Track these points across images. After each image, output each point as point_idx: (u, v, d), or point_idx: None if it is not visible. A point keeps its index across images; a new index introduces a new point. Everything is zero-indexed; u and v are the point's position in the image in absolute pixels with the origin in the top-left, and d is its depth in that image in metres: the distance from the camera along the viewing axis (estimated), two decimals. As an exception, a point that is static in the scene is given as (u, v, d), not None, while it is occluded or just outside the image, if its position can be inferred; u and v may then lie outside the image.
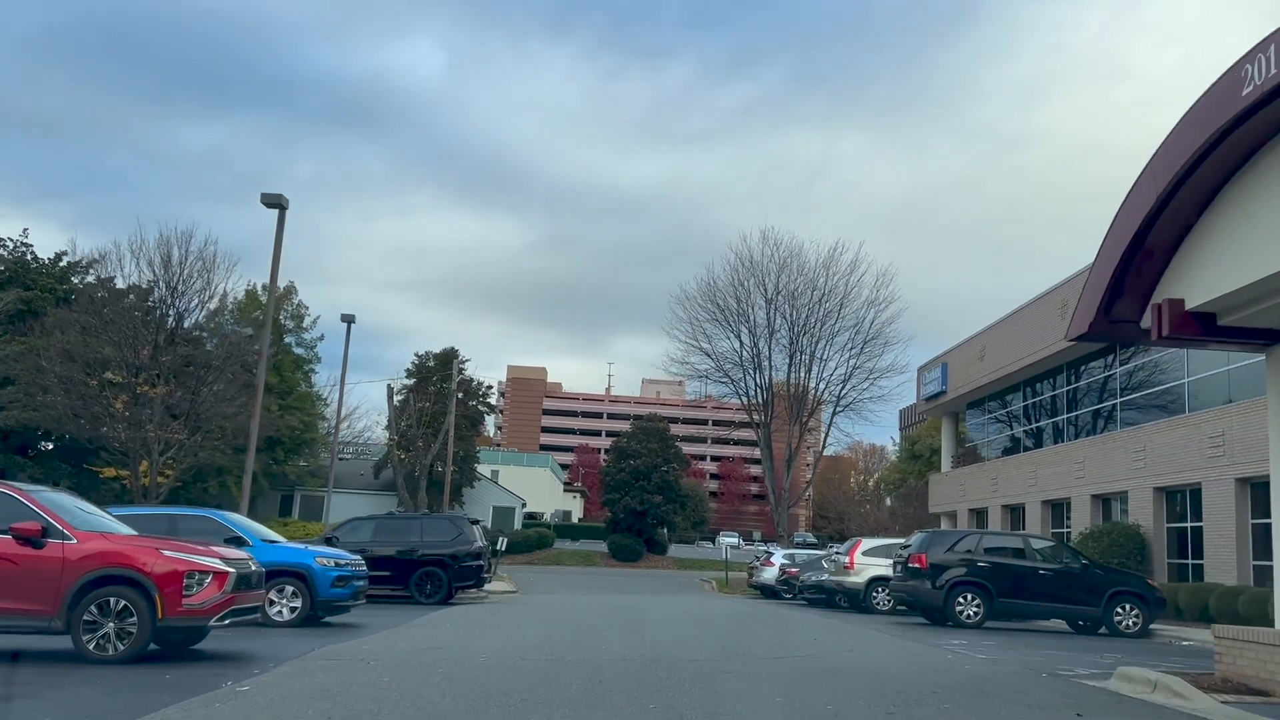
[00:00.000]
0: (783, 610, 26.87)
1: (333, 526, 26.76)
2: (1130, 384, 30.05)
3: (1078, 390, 33.49)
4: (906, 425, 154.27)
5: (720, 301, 47.45)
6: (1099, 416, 31.92)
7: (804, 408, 47.31)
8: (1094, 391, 32.38)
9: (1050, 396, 35.33)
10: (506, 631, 16.81)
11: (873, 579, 26.70)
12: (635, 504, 59.43)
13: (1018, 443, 37.84)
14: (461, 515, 27.46)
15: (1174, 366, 27.61)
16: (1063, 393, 34.31)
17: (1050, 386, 35.26)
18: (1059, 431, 34.59)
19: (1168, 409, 27.79)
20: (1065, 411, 34.14)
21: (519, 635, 15.91)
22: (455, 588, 25.72)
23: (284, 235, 29.82)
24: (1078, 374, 33.35)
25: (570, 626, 18.02)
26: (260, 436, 53.63)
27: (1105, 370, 31.83)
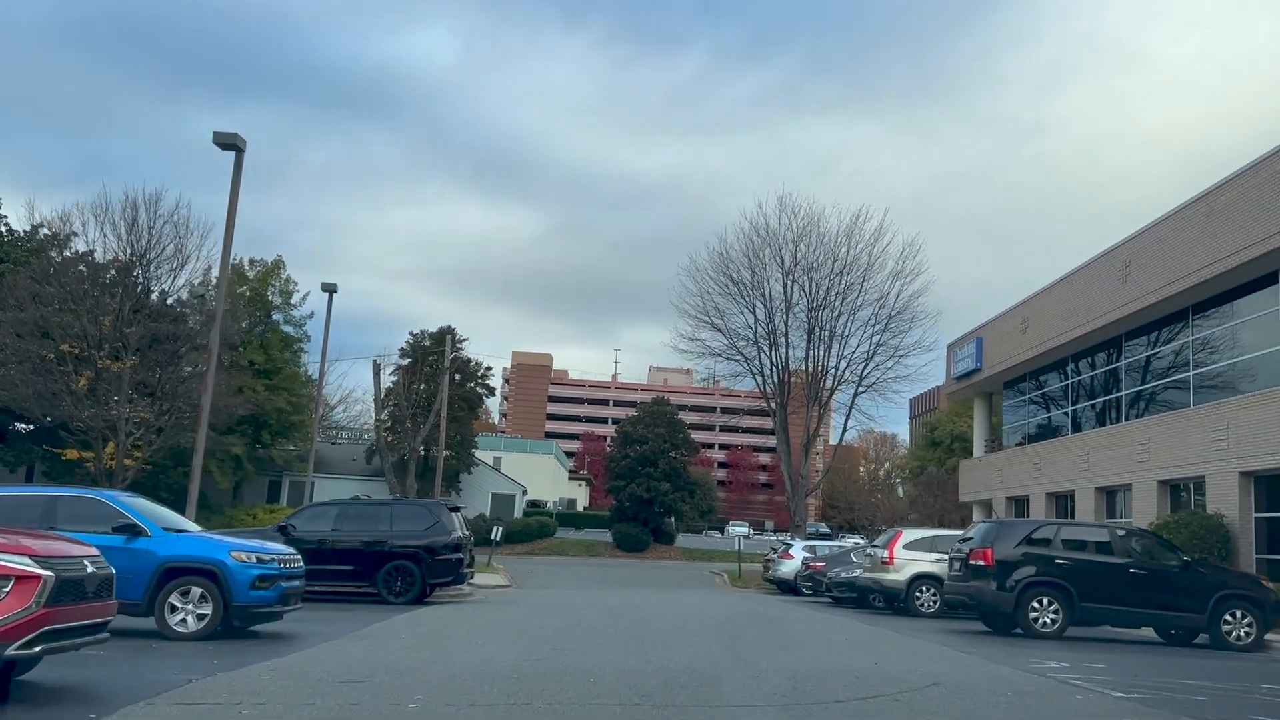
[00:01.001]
0: (811, 612, 22.86)
1: (289, 514, 22.80)
2: (1208, 352, 25.91)
3: (1140, 363, 29.36)
4: (916, 414, 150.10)
5: (733, 274, 43.39)
6: (1167, 391, 27.78)
7: (823, 387, 43.19)
8: (1162, 363, 28.24)
9: (1106, 371, 31.20)
10: (473, 648, 12.82)
11: (916, 577, 22.68)
12: (641, 491, 55.43)
13: (1065, 423, 33.75)
14: (439, 502, 23.46)
15: (1267, 331, 23.46)
16: (1121, 366, 30.18)
17: (1105, 360, 31.12)
18: (1115, 410, 30.48)
19: (1257, 380, 23.65)
20: (1124, 387, 30.01)
21: (487, 654, 11.93)
22: (430, 585, 21.78)
23: (241, 182, 25.94)
24: (1142, 344, 29.21)
25: (557, 638, 14.05)
26: (232, 416, 49.96)
27: (1171, 338, 27.69)
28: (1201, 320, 26.18)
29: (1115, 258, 28.82)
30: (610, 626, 16.47)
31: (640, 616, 18.81)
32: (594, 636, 14.53)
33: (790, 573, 34.71)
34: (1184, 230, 25.69)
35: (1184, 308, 26.68)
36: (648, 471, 55.63)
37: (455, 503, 23.39)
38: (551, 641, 13.61)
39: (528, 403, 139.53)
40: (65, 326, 36.88)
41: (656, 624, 17.09)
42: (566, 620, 17.66)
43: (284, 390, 54.49)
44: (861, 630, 17.69)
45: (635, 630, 15.76)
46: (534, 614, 19.48)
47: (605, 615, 19.18)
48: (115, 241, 38.57)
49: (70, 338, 36.90)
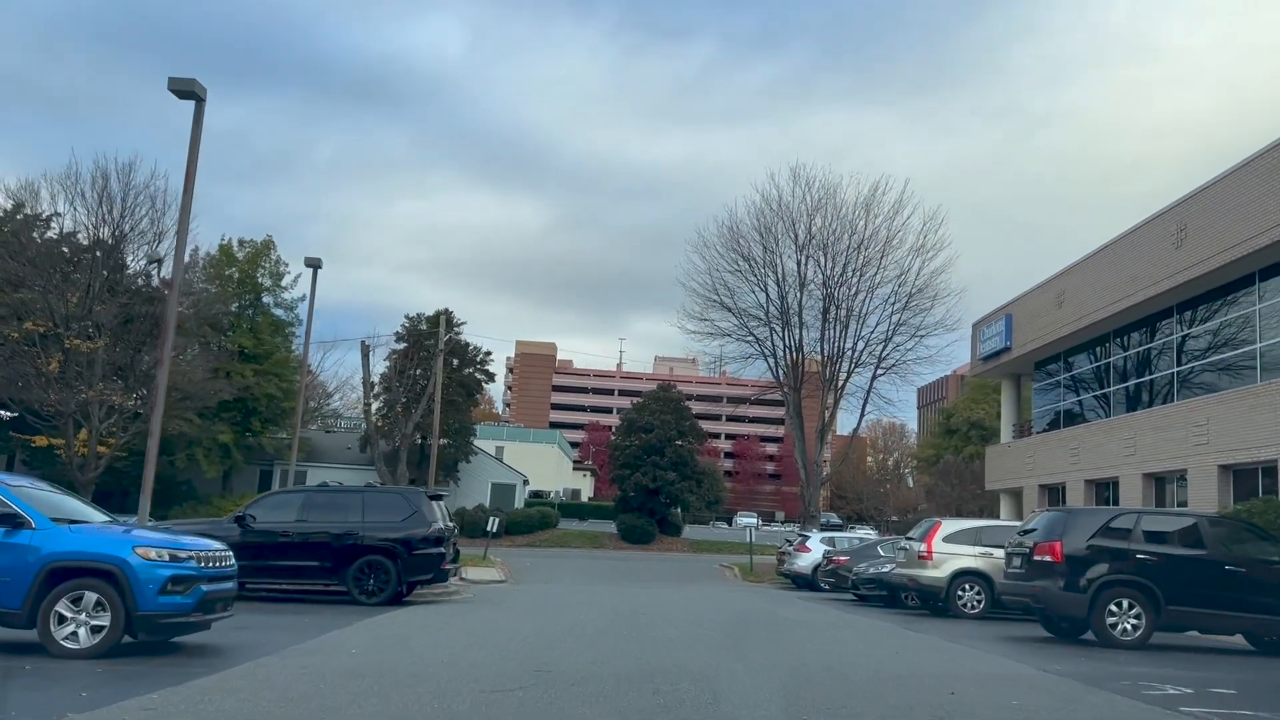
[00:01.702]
0: (842, 614, 20.02)
1: (247, 503, 20.04)
2: (1278, 321, 23.01)
3: (1196, 335, 26.46)
4: (924, 404, 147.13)
5: (744, 250, 40.47)
6: (1229, 367, 24.88)
7: (838, 369, 40.31)
8: (1222, 335, 25.33)
9: (1154, 345, 28.30)
10: (435, 672, 10.00)
11: (958, 574, 19.85)
12: (647, 481, 52.67)
13: (1105, 404, 30.85)
14: (417, 489, 20.66)
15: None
16: (1174, 339, 27.27)
17: (1154, 334, 28.22)
18: (1166, 388, 27.60)
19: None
20: (1177, 363, 27.10)
21: (448, 682, 9.14)
22: (407, 583, 19.02)
23: (202, 134, 23.22)
24: (1197, 315, 26.30)
25: (546, 653, 11.27)
26: (212, 399, 47.24)
27: (1234, 307, 24.78)
28: (1271, 286, 23.26)
29: (1169, 220, 25.89)
30: (610, 635, 13.68)
31: (646, 621, 16.01)
32: (590, 651, 11.73)
33: (807, 567, 31.94)
34: (1249, 187, 22.77)
35: (1249, 273, 23.78)
36: (653, 460, 52.88)
37: (437, 490, 20.62)
38: (538, 659, 10.82)
39: (531, 393, 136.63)
40: (31, 304, 34.14)
41: (665, 631, 14.28)
42: (560, 626, 14.86)
43: (274, 376, 51.79)
44: (908, 639, 14.86)
45: (640, 641, 12.97)
46: (524, 617, 16.70)
47: (605, 619, 16.40)
48: (85, 214, 35.82)
49: (35, 315, 34.16)
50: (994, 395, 64.33)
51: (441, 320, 42.74)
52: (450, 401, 53.64)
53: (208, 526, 19.70)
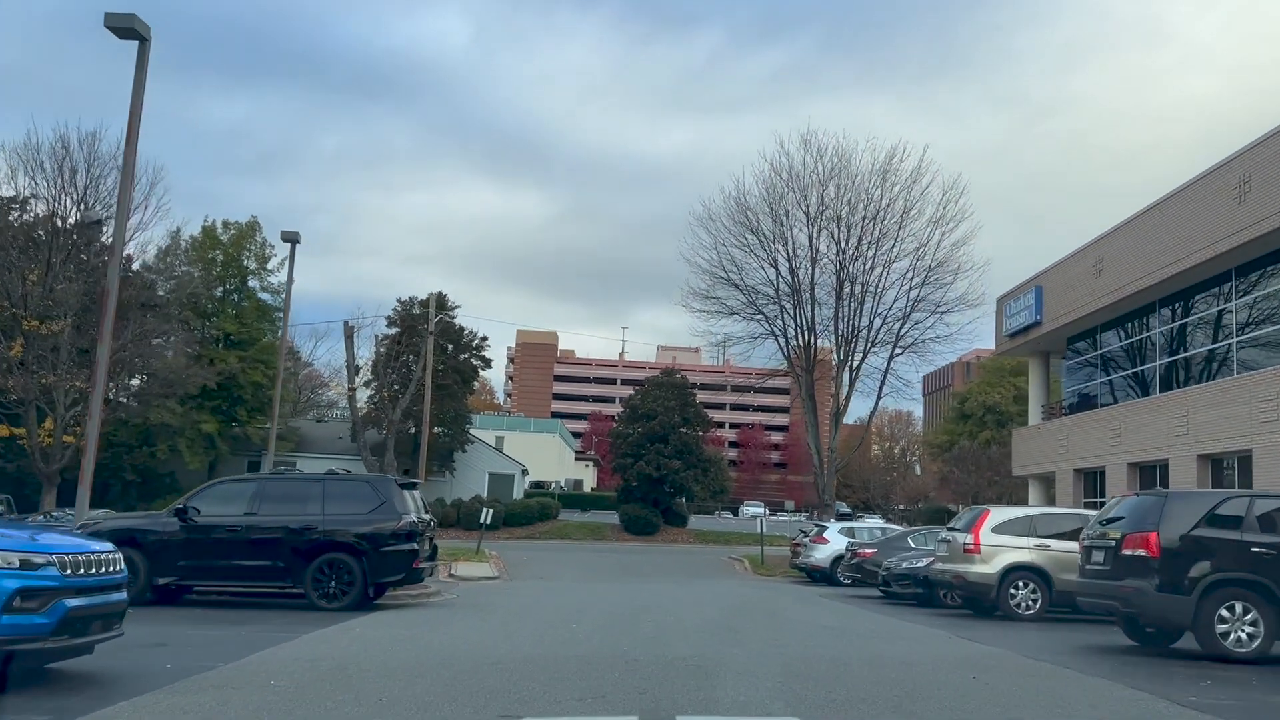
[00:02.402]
0: (880, 616, 17.23)
1: (189, 494, 17.26)
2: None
3: (1260, 301, 23.62)
4: (930, 391, 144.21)
5: (751, 223, 37.63)
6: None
7: (854, 349, 37.51)
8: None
9: (1210, 314, 25.47)
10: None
11: (1010, 569, 17.07)
12: (650, 470, 49.81)
13: (1152, 380, 28.01)
14: (386, 477, 17.84)
15: None
16: (1232, 306, 24.44)
17: (1210, 301, 25.38)
18: (1224, 361, 24.78)
19: None
20: (1237, 332, 24.27)
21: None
22: (375, 585, 16.26)
23: (147, 78, 20.38)
24: (1262, 278, 23.46)
25: (520, 684, 8.50)
26: (190, 386, 44.49)
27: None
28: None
29: (1229, 173, 23.02)
30: (610, 650, 10.90)
31: (654, 630, 13.23)
32: (582, 680, 8.93)
33: (825, 559, 29.22)
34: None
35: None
36: (657, 448, 50.03)
37: (409, 479, 17.82)
38: (507, 694, 8.04)
39: (532, 383, 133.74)
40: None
41: (678, 646, 11.50)
42: (546, 643, 12.10)
43: (260, 363, 49.07)
44: (976, 653, 12.07)
45: (647, 660, 10.18)
46: (508, 625, 13.93)
47: (604, 626, 13.64)
48: (45, 186, 32.98)
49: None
50: (1010, 379, 61.55)
51: (432, 301, 39.90)
52: (445, 388, 50.87)
53: (142, 521, 16.99)
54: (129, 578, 15.66)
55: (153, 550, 15.90)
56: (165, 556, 15.92)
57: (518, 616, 15.37)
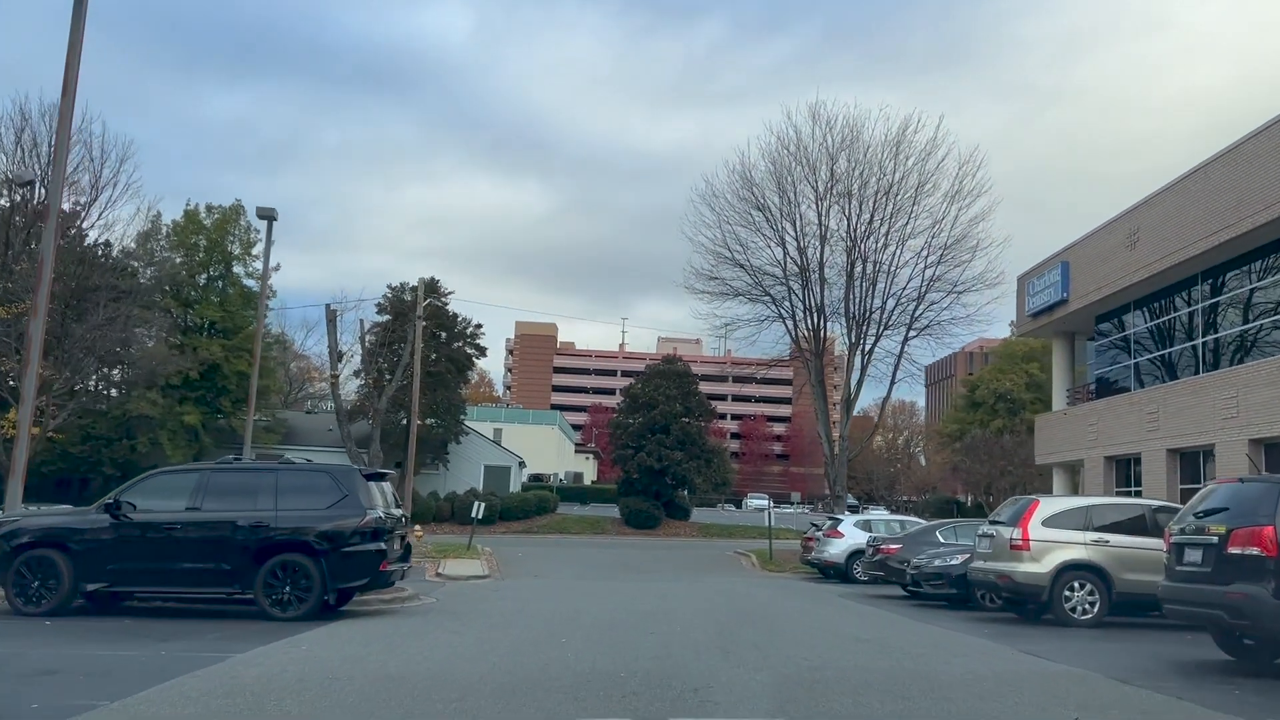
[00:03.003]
0: (913, 623, 14.95)
1: (123, 486, 14.95)
2: None
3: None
4: (931, 382, 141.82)
5: (758, 198, 35.32)
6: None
7: (865, 332, 35.21)
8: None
9: (1264, 284, 23.14)
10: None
11: (1064, 568, 14.80)
12: (652, 461, 47.62)
13: (1193, 360, 25.72)
14: (350, 467, 15.46)
15: None
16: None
17: (1262, 270, 23.06)
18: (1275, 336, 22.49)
19: None
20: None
21: None
22: (336, 590, 14.00)
23: (84, 28, 18.16)
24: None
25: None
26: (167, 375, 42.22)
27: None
28: None
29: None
30: (604, 680, 8.64)
31: (659, 646, 10.96)
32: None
33: (840, 555, 27.03)
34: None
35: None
36: (658, 438, 47.83)
37: (377, 469, 15.48)
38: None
39: (532, 375, 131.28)
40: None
41: (689, 670, 9.24)
42: (530, 662, 9.84)
43: (246, 351, 46.61)
44: (1053, 674, 9.80)
45: (650, 692, 7.92)
46: (486, 640, 11.67)
47: (598, 640, 11.39)
48: (3, 160, 30.69)
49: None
50: (1022, 365, 59.26)
51: (421, 284, 37.61)
52: (438, 377, 48.62)
53: (67, 518, 14.66)
54: (50, 583, 13.64)
55: (78, 552, 13.66)
56: (93, 558, 13.68)
57: (500, 627, 13.11)
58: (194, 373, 45.12)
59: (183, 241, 46.88)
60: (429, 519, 46.17)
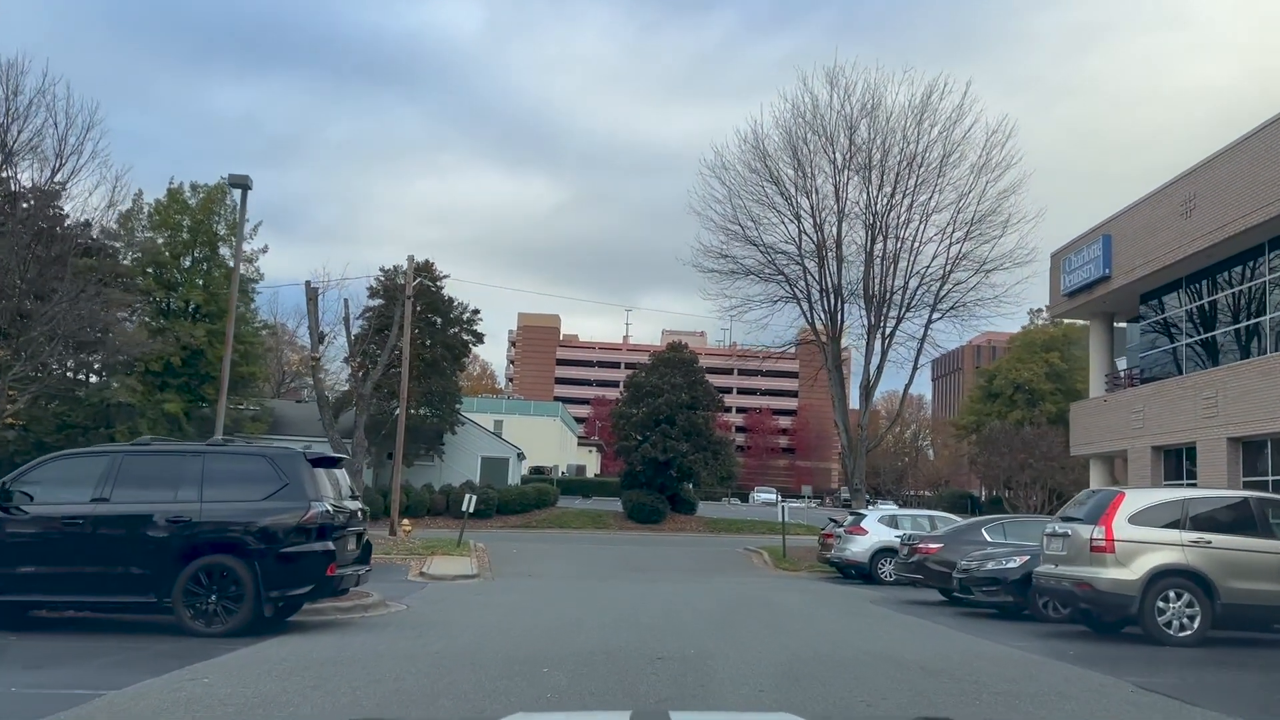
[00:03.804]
0: (976, 640, 12.22)
1: (16, 472, 12.24)
2: None
3: None
4: (938, 376, 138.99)
5: (771, 170, 32.59)
6: None
7: (886, 313, 32.51)
8: None
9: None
10: None
11: (1158, 574, 12.12)
12: (656, 453, 44.97)
13: (1255, 339, 22.99)
14: (292, 451, 12.62)
15: None
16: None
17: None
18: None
19: None
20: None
21: None
22: (272, 600, 11.31)
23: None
24: None
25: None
26: (144, 360, 39.61)
27: None
28: None
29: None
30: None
31: (673, 680, 8.29)
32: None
33: (863, 553, 24.37)
34: None
35: None
36: (663, 429, 45.16)
37: (329, 454, 12.72)
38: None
39: (535, 367, 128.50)
40: None
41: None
42: (498, 704, 7.17)
43: (232, 336, 44.08)
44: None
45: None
46: (446, 668, 9.00)
47: (592, 674, 8.74)
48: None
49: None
50: (1042, 355, 56.53)
51: (410, 261, 34.93)
52: (433, 365, 45.97)
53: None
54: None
55: (-45, 553, 11.06)
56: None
57: (470, 650, 10.43)
58: (176, 359, 42.51)
59: (165, 221, 44.21)
60: (422, 512, 43.57)
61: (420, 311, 47.30)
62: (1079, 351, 57.81)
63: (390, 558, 26.46)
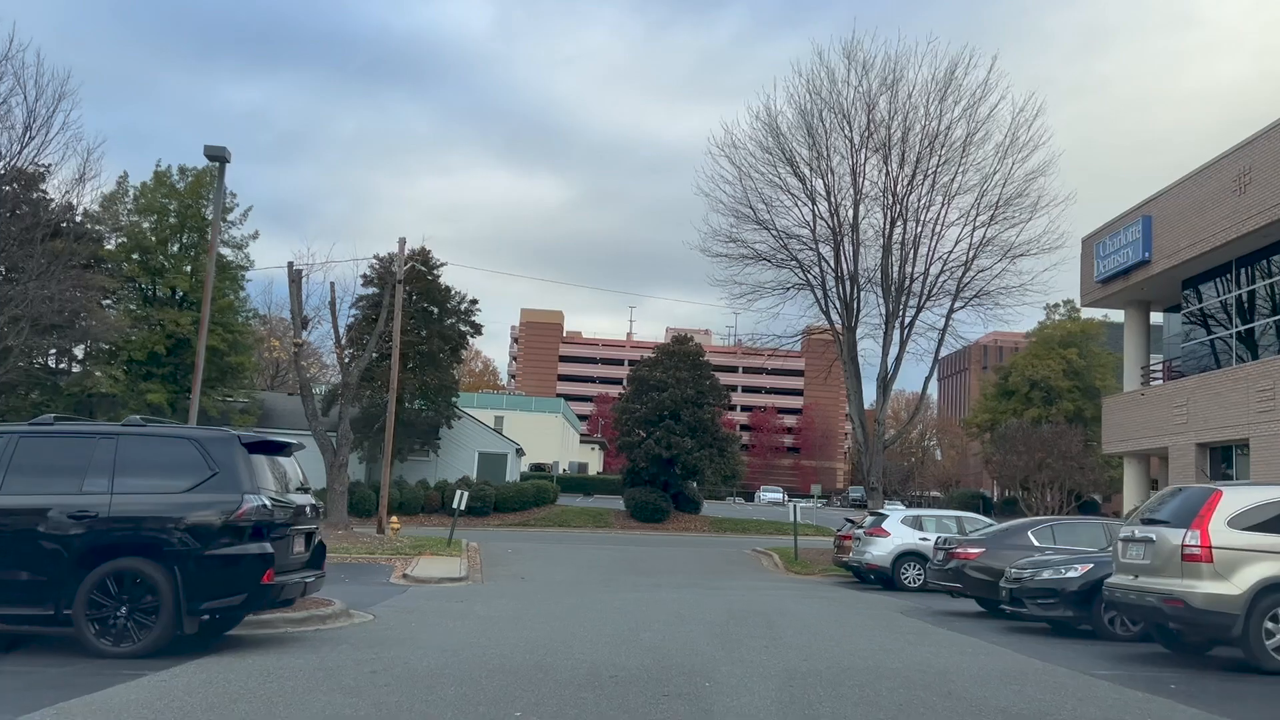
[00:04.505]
0: (1043, 667, 10.06)
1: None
2: None
3: None
4: (945, 375, 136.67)
5: (785, 150, 30.48)
6: None
7: (905, 302, 30.38)
8: None
9: None
10: None
11: (1266, 589, 10.00)
12: (660, 449, 42.92)
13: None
14: (225, 433, 10.40)
15: None
16: None
17: None
18: None
19: None
20: None
21: None
22: (196, 613, 9.17)
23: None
24: None
25: None
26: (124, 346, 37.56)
27: None
28: None
29: None
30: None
31: (686, 717, 6.21)
32: None
33: (884, 557, 22.27)
34: None
35: None
36: (668, 424, 43.11)
37: (272, 437, 10.63)
38: None
39: (537, 363, 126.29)
40: None
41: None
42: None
43: (219, 326, 42.02)
44: None
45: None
46: (399, 698, 6.94)
47: (582, 702, 6.67)
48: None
49: None
50: (1059, 351, 54.36)
51: (401, 244, 32.83)
52: (428, 356, 43.98)
53: None
54: None
55: None
56: None
57: (429, 677, 8.33)
58: (161, 347, 40.56)
59: (151, 205, 42.19)
60: (416, 510, 41.54)
61: (416, 301, 45.26)
62: (1097, 348, 55.71)
63: (375, 557, 24.41)
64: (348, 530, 28.27)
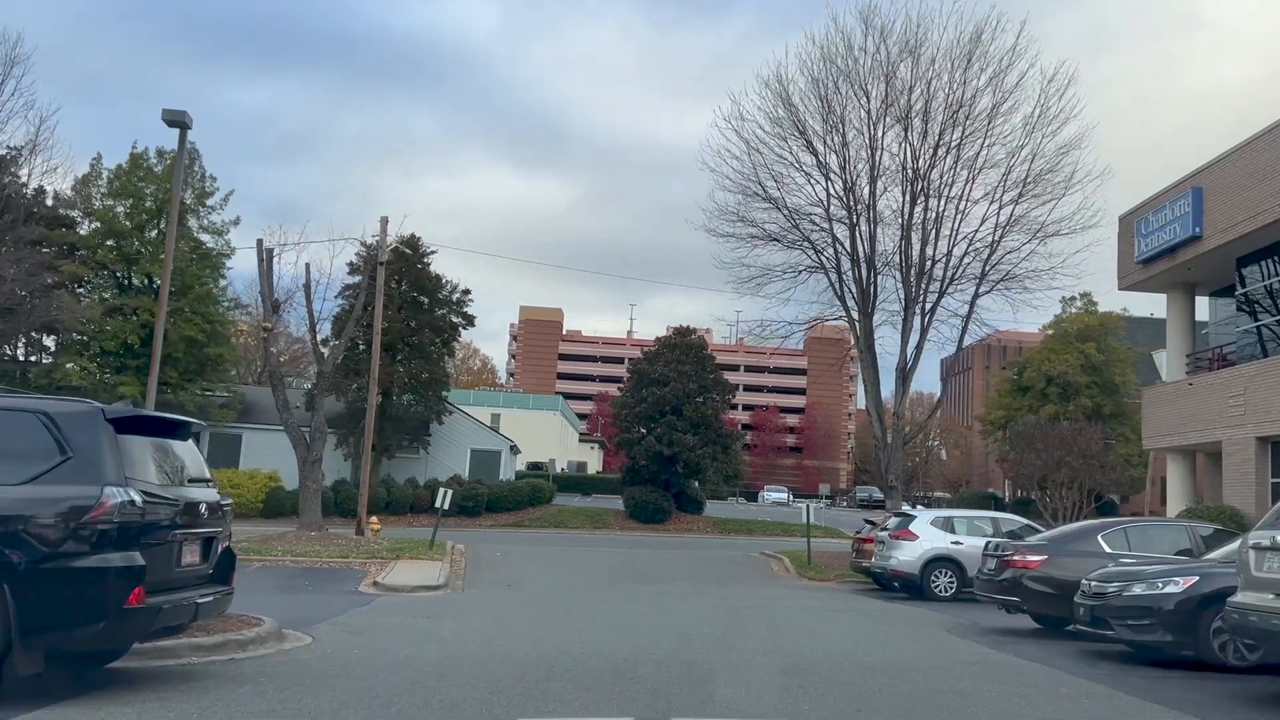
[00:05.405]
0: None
1: None
2: None
3: None
4: (947, 375, 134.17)
5: (797, 120, 27.99)
6: None
7: (926, 286, 27.90)
8: None
9: None
10: None
11: None
12: (661, 446, 40.40)
13: None
14: (86, 405, 7.86)
15: None
16: None
17: None
18: None
19: None
20: None
21: None
22: (34, 647, 6.66)
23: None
24: None
25: None
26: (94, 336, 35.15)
27: None
28: None
29: None
30: None
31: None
32: None
33: (912, 563, 19.82)
34: None
35: None
36: (669, 420, 40.59)
37: (170, 416, 8.06)
38: None
39: (536, 361, 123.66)
40: None
41: None
42: None
43: (198, 315, 39.55)
44: None
45: None
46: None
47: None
48: None
49: None
50: (1076, 346, 51.81)
51: (383, 223, 30.29)
52: (418, 348, 41.50)
53: None
54: None
55: None
56: None
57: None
58: (134, 338, 38.05)
59: (126, 189, 39.69)
60: (404, 509, 39.03)
61: (405, 290, 42.80)
62: (1116, 342, 53.22)
63: (348, 562, 21.94)
64: (322, 532, 25.76)
